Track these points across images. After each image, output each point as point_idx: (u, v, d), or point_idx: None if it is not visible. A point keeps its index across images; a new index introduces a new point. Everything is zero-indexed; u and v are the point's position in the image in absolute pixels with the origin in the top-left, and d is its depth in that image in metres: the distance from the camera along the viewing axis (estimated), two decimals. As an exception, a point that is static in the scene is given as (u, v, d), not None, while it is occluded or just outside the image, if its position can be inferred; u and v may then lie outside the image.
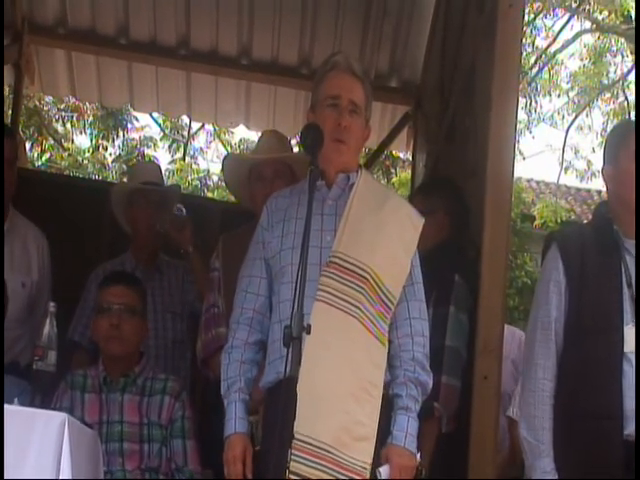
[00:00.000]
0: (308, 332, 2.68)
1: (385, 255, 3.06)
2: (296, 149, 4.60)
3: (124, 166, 15.08)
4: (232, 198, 5.20)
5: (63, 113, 15.28)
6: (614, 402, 3.13)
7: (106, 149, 15.91)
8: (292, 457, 2.68)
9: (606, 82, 16.58)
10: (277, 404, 2.75)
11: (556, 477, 3.20)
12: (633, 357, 3.15)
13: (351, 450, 2.89)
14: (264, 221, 3.25)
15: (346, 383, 2.92)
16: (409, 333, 3.07)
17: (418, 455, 3.01)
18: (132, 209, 4.55)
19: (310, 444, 2.84)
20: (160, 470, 3.74)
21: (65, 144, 15.92)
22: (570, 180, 17.07)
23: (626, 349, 3.16)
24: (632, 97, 16.37)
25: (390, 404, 3.03)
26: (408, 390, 3.01)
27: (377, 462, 2.96)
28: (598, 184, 16.71)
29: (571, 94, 17.00)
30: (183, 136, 17.02)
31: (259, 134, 5.15)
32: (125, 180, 11.28)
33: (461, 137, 4.89)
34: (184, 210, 4.35)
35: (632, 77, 16.30)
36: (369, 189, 3.17)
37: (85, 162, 15.85)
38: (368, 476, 2.91)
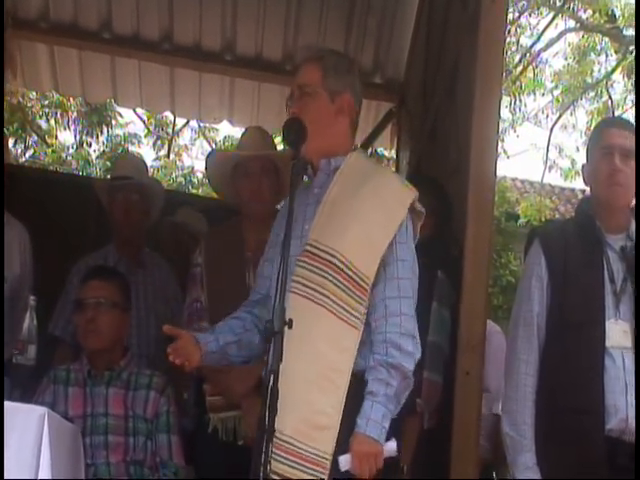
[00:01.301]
0: (290, 326, 2.68)
1: (357, 235, 2.97)
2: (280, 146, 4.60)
3: (108, 162, 15.02)
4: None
5: (47, 109, 15.22)
6: (596, 397, 3.13)
7: (90, 145, 15.86)
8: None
9: (590, 81, 16.61)
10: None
11: (538, 473, 3.21)
12: (615, 352, 3.17)
13: (312, 440, 2.84)
14: (274, 224, 3.29)
15: (310, 373, 2.88)
16: (384, 315, 2.95)
17: (392, 443, 2.89)
18: (111, 203, 4.57)
19: (277, 438, 2.76)
20: (145, 464, 3.73)
21: (49, 140, 15.85)
22: (554, 179, 17.10)
23: (608, 344, 3.17)
24: (616, 96, 16.45)
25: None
26: (376, 374, 2.90)
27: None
28: (582, 183, 16.70)
29: (555, 93, 17.02)
30: (167, 133, 16.99)
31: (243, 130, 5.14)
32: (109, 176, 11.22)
33: (444, 135, 4.89)
34: None
35: (616, 76, 16.35)
36: (356, 170, 3.08)
37: (69, 159, 15.80)
38: (328, 466, 2.85)
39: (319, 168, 3.13)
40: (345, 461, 2.83)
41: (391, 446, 2.89)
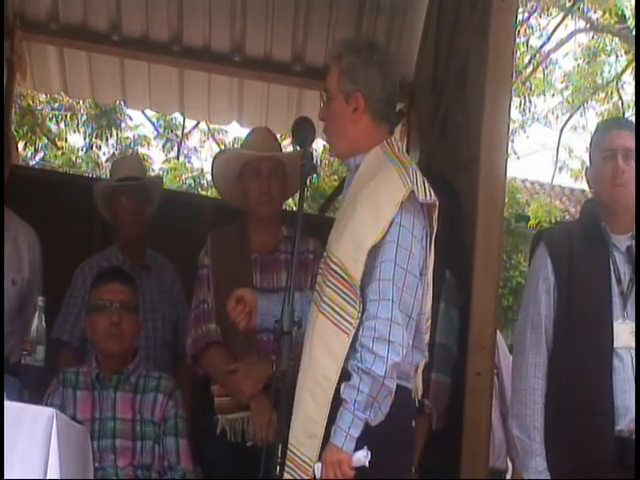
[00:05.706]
0: (299, 326, 2.68)
1: (348, 237, 2.93)
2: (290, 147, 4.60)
3: (118, 165, 15.03)
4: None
5: (57, 112, 15.24)
6: (605, 398, 3.13)
7: (100, 148, 15.86)
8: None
9: (600, 82, 16.56)
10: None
11: (548, 477, 3.20)
12: (623, 352, 3.17)
13: (302, 445, 2.83)
14: None
15: (307, 380, 2.85)
16: (363, 320, 2.86)
17: (361, 452, 2.80)
18: (114, 205, 4.55)
19: (288, 449, 2.82)
20: (152, 468, 3.72)
21: (59, 143, 15.86)
22: (564, 180, 17.05)
23: (616, 345, 3.17)
24: (626, 97, 16.39)
25: None
26: (349, 380, 2.84)
27: None
28: (592, 184, 16.63)
29: (565, 94, 16.96)
30: (177, 135, 17.00)
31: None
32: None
33: (454, 135, 4.88)
34: None
35: (626, 77, 16.30)
36: (368, 169, 3.05)
37: (79, 161, 15.80)
38: (311, 473, 2.83)
39: (349, 168, 3.14)
40: (317, 468, 2.83)
41: (358, 456, 2.81)
